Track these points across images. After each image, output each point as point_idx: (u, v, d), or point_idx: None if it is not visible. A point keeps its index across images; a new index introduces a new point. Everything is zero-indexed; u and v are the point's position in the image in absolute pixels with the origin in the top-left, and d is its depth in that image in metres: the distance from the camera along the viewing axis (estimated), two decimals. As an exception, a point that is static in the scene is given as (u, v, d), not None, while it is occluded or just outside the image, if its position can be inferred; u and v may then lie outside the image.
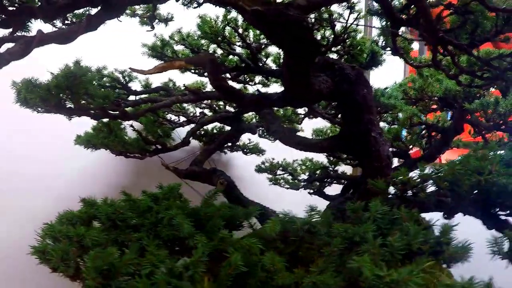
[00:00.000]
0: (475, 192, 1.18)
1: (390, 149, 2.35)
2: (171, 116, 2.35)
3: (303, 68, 1.39)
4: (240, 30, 1.86)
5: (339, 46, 1.93)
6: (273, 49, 2.04)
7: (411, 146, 2.36)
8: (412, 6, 1.38)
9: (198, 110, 2.42)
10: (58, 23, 1.27)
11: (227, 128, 2.46)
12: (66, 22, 1.28)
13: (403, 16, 1.48)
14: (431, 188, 1.27)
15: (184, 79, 2.18)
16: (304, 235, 1.06)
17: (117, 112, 1.58)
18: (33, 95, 1.31)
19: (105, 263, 0.97)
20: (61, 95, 1.37)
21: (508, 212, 1.25)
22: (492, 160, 1.13)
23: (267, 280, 0.95)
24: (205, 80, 2.25)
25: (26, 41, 0.96)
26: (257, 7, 1.17)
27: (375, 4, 1.54)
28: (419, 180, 1.17)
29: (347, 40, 1.89)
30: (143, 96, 1.86)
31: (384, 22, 1.63)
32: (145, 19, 1.71)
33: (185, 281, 0.92)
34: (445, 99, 1.96)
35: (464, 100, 1.90)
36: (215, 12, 1.83)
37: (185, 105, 2.36)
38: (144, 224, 1.16)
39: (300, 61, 1.36)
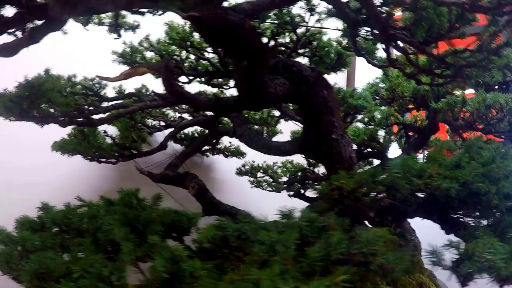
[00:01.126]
0: (421, 195, 1.17)
1: (370, 150, 2.36)
2: (152, 121, 2.40)
3: (253, 72, 1.40)
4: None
5: (306, 49, 1.94)
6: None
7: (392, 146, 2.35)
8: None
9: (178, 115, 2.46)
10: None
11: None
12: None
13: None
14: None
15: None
16: (236, 241, 1.07)
17: (82, 119, 1.63)
18: (4, 109, 1.36)
19: (41, 267, 1.01)
20: (23, 104, 1.42)
21: (461, 215, 1.24)
22: (437, 162, 1.11)
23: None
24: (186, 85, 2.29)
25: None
26: (194, 13, 1.20)
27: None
28: (354, 184, 1.15)
29: (313, 42, 1.90)
30: (114, 102, 1.90)
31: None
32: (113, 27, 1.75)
33: (111, 286, 0.95)
34: (416, 98, 1.94)
35: (434, 99, 1.88)
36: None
37: (164, 109, 2.40)
38: (89, 229, 1.20)
39: (248, 65, 1.37)
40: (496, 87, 1.96)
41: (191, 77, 2.09)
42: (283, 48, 1.94)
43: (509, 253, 0.87)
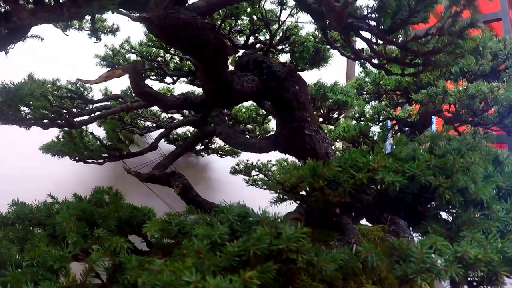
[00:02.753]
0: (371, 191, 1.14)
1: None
2: (144, 122, 2.47)
3: (213, 69, 1.41)
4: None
5: (286, 45, 1.94)
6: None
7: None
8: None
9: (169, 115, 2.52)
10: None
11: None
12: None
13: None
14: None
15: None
16: (178, 235, 1.08)
17: (63, 122, 1.70)
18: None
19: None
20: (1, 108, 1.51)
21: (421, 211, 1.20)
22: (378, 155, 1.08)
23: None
24: (172, 86, 2.34)
25: None
26: (143, 14, 1.23)
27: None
28: (294, 180, 1.12)
29: (291, 37, 1.89)
30: (98, 104, 1.97)
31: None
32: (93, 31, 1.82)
33: (53, 274, 1.00)
34: (399, 91, 1.89)
35: (416, 91, 1.83)
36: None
37: (155, 110, 2.47)
38: (49, 224, 1.25)
39: (208, 63, 1.39)
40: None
41: (175, 78, 2.14)
42: (261, 45, 1.95)
43: (452, 254, 0.83)
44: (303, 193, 1.15)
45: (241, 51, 1.93)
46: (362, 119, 2.17)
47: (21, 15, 1.15)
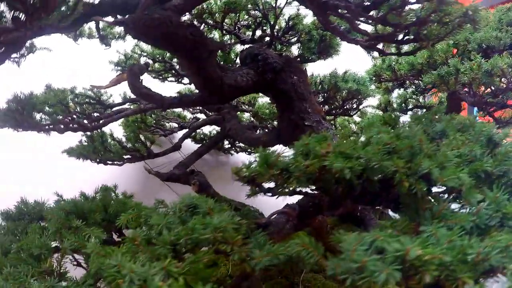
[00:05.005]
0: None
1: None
2: (168, 123, 2.56)
3: (197, 66, 1.41)
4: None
5: (290, 36, 1.88)
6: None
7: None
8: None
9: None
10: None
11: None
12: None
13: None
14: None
15: (169, 88, 2.35)
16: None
17: (75, 126, 1.83)
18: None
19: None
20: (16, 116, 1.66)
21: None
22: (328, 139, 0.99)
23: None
24: (192, 87, 2.40)
25: None
26: (118, 18, 1.27)
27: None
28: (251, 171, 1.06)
29: (295, 27, 1.83)
30: (115, 108, 2.09)
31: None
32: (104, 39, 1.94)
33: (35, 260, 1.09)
34: (413, 75, 1.73)
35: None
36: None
37: (179, 111, 2.55)
38: (46, 218, 1.36)
39: (189, 59, 1.40)
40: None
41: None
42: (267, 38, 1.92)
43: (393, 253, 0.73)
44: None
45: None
46: (388, 108, 2.02)
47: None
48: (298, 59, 1.97)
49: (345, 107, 2.00)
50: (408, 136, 0.94)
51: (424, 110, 2.03)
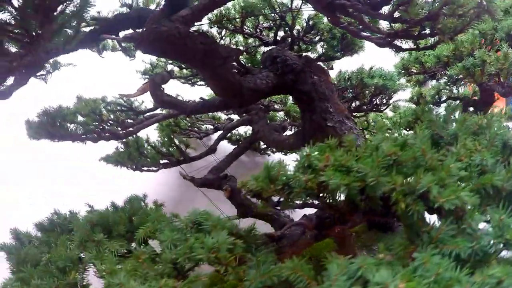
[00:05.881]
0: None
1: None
2: (203, 126, 2.62)
3: (212, 73, 1.44)
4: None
5: (313, 35, 1.84)
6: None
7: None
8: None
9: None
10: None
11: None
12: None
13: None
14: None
15: (201, 92, 2.40)
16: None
17: (108, 135, 1.95)
18: (31, 131, 1.78)
19: (26, 256, 1.32)
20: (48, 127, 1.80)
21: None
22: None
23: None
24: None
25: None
26: (126, 34, 1.32)
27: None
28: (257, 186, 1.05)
29: (316, 26, 1.79)
30: (147, 114, 2.18)
31: None
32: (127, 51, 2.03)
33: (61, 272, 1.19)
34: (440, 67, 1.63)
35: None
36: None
37: (214, 113, 2.60)
38: (73, 229, 1.46)
39: (202, 68, 1.42)
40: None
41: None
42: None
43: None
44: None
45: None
46: (420, 101, 1.92)
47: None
48: (323, 57, 1.93)
49: (374, 103, 1.93)
50: (414, 144, 0.89)
51: (458, 101, 1.89)
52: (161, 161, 2.28)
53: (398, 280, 0.63)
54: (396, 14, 1.12)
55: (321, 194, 0.96)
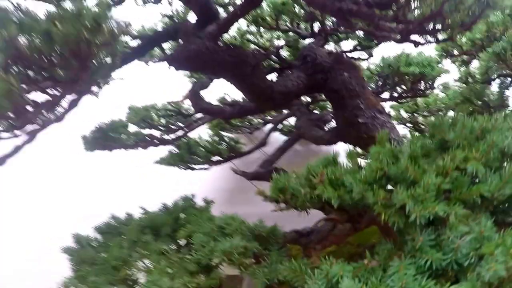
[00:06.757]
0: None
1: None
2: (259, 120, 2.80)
3: (245, 82, 1.59)
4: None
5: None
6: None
7: None
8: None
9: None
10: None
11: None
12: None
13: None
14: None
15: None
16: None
17: (154, 140, 2.23)
18: (87, 145, 2.10)
19: (86, 256, 1.63)
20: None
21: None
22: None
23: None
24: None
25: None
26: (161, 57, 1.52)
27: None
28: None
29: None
30: (195, 117, 2.41)
31: None
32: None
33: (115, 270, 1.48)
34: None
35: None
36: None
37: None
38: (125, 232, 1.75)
39: (233, 78, 1.58)
40: None
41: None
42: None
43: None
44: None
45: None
46: (469, 80, 1.89)
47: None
48: (359, 47, 1.98)
49: (416, 88, 1.95)
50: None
51: (510, 79, 1.82)
52: (213, 159, 2.51)
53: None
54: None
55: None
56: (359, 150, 1.93)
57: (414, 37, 1.41)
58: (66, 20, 0.87)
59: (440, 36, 1.34)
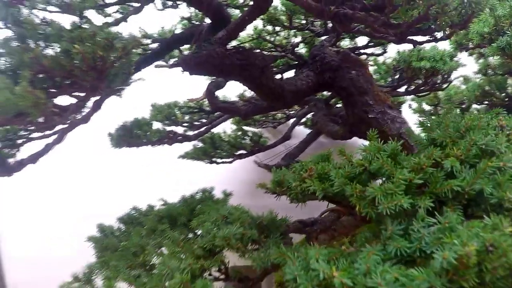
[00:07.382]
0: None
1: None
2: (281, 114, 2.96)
3: (255, 83, 1.74)
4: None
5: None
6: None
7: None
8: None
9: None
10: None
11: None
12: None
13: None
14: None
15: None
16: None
17: (178, 137, 2.42)
18: (113, 142, 2.33)
19: (108, 244, 1.86)
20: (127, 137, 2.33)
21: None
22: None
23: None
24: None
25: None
26: (174, 62, 1.70)
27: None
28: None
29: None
30: (216, 114, 2.60)
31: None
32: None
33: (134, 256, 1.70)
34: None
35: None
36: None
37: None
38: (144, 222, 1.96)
39: (243, 80, 1.74)
40: None
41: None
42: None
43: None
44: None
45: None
46: (489, 72, 1.93)
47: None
48: (371, 43, 2.08)
49: (431, 82, 2.03)
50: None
51: None
52: (236, 153, 2.70)
53: (333, 268, 0.91)
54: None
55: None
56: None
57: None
58: (83, 40, 1.06)
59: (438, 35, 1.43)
